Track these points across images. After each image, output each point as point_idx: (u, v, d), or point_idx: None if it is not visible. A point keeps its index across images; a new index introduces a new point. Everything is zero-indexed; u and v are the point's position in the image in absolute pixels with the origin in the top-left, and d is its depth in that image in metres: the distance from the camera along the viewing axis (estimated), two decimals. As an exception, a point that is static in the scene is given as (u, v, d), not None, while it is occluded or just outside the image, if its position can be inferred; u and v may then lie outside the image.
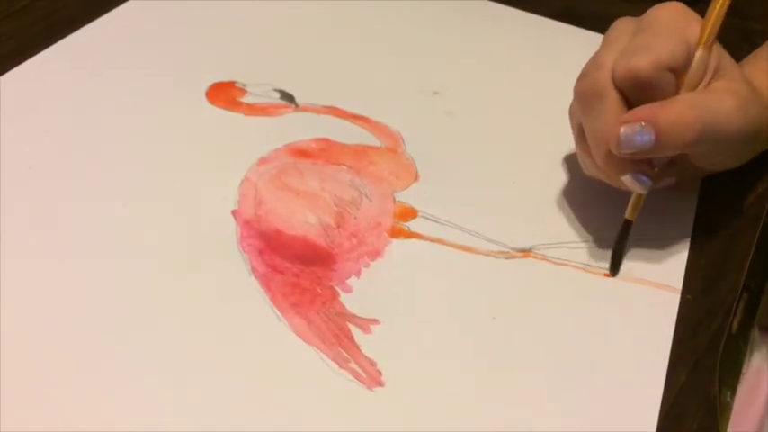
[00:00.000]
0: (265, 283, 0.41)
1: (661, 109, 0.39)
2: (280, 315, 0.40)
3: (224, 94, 0.53)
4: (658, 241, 0.45)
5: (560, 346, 0.39)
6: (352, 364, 0.38)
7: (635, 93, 0.40)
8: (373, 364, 0.38)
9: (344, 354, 0.39)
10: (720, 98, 0.40)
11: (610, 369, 0.39)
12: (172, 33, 0.58)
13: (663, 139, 0.39)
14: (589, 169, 0.44)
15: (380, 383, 0.38)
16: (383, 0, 0.62)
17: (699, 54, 0.41)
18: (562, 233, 0.45)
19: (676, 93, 0.41)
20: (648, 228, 0.45)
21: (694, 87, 0.42)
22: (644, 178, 0.41)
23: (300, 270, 0.42)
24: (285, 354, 0.38)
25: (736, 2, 0.50)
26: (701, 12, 0.42)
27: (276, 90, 0.53)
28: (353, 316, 0.40)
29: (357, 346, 0.39)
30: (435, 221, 0.45)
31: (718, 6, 0.41)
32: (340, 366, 0.38)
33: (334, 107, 0.52)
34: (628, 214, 0.43)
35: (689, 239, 0.45)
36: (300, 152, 0.49)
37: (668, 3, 0.42)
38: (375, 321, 0.40)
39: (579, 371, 0.39)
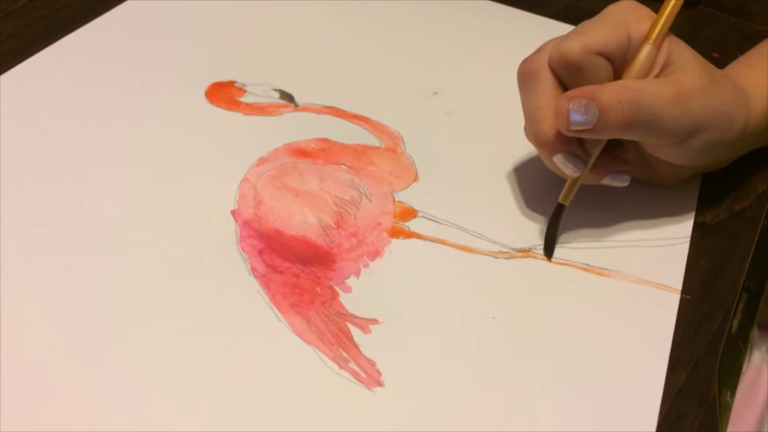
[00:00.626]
0: (265, 283, 0.41)
1: (600, 88, 0.40)
2: (279, 315, 0.40)
3: (223, 93, 0.53)
4: (658, 242, 0.45)
5: (560, 347, 0.39)
6: (352, 365, 0.38)
7: (568, 75, 0.42)
8: (373, 364, 0.38)
9: (344, 354, 0.39)
10: (660, 87, 0.41)
11: (610, 369, 0.39)
12: (171, 33, 0.58)
13: (604, 116, 0.40)
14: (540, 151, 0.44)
15: (380, 383, 0.37)
16: (383, 0, 0.62)
17: (646, 49, 0.42)
18: (563, 233, 0.45)
19: (612, 80, 0.42)
20: (648, 228, 0.45)
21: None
22: (576, 161, 0.42)
23: (300, 270, 0.42)
24: (285, 354, 0.38)
25: (740, 3, 0.50)
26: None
27: (276, 90, 0.53)
28: (353, 316, 0.40)
29: (357, 347, 0.39)
30: (435, 221, 0.45)
31: (670, 6, 0.42)
32: (340, 366, 0.38)
33: (334, 107, 0.52)
34: (561, 198, 0.43)
35: (689, 240, 0.45)
36: (300, 152, 0.49)
37: (628, 0, 0.44)
38: (375, 321, 0.40)
39: (579, 371, 0.39)
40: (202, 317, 0.40)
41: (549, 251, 0.44)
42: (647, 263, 0.43)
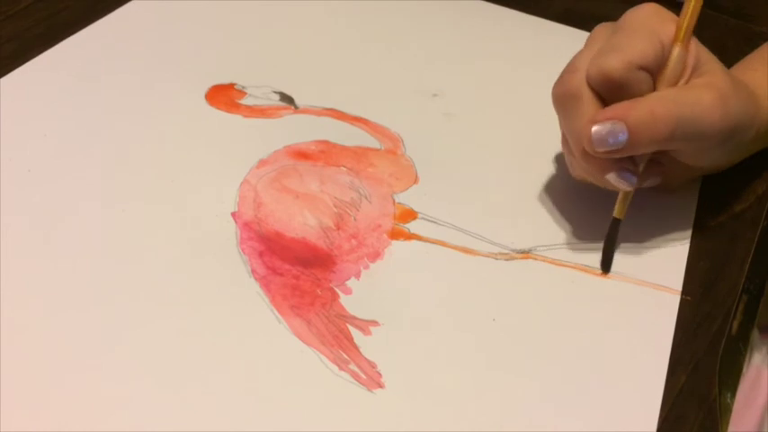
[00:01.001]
0: (265, 285, 0.41)
1: (632, 105, 0.40)
2: (280, 317, 0.40)
3: (224, 96, 0.53)
4: (658, 243, 0.45)
5: (560, 348, 0.39)
6: (353, 366, 0.38)
7: (609, 93, 0.41)
8: (373, 365, 0.38)
9: (344, 355, 0.39)
10: (698, 92, 0.41)
11: (610, 371, 0.39)
12: (171, 36, 0.58)
13: (635, 135, 0.39)
14: (575, 171, 0.44)
15: (381, 385, 0.38)
16: (383, 1, 0.62)
17: (676, 51, 0.41)
18: (562, 234, 0.45)
19: (653, 91, 0.41)
20: (648, 230, 0.45)
21: (673, 85, 0.42)
22: (629, 175, 0.41)
23: (300, 272, 0.42)
24: (285, 356, 0.38)
25: (740, 5, 0.50)
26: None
27: (276, 92, 0.53)
28: (353, 318, 0.40)
29: (357, 348, 0.39)
30: (435, 223, 0.45)
31: (692, 4, 0.42)
32: (340, 368, 0.38)
33: (334, 109, 0.52)
34: (616, 212, 0.43)
35: (689, 241, 0.45)
36: (300, 154, 0.49)
37: (644, 4, 0.43)
38: (375, 323, 0.40)
39: (579, 373, 0.39)
40: (203, 319, 0.40)
41: (606, 267, 0.43)
42: (647, 264, 0.43)
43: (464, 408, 0.37)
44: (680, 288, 0.42)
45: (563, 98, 0.42)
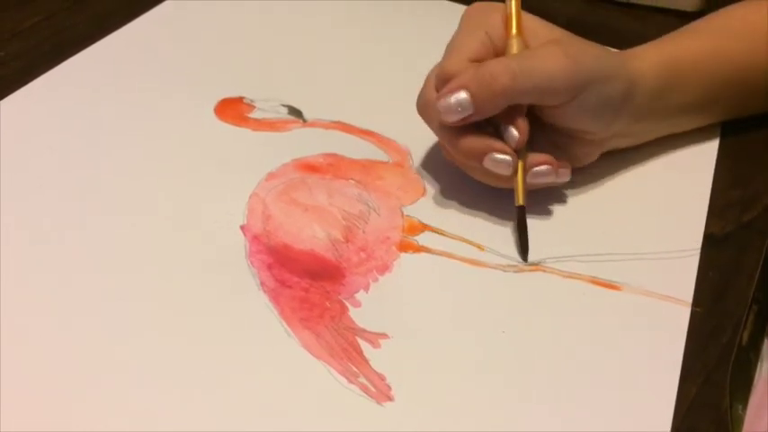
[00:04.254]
0: (274, 297, 0.41)
1: (467, 72, 0.44)
2: (289, 330, 0.40)
3: (232, 109, 0.53)
4: (668, 255, 0.45)
5: (570, 361, 0.39)
6: (362, 379, 0.38)
7: None
8: (383, 378, 0.38)
9: (354, 368, 0.39)
10: (536, 49, 0.45)
11: (621, 383, 0.39)
12: (179, 51, 0.58)
13: (477, 95, 0.43)
14: (475, 172, 0.46)
15: (390, 398, 0.37)
16: (392, 17, 0.63)
17: (513, 43, 0.45)
18: (571, 246, 0.45)
19: None
20: (658, 242, 0.45)
21: None
22: (502, 156, 0.44)
23: (309, 284, 0.42)
24: (294, 368, 0.38)
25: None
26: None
27: (284, 105, 0.53)
28: (362, 330, 0.40)
29: (366, 361, 0.39)
30: (443, 235, 0.45)
31: (513, 4, 0.46)
32: (349, 381, 0.38)
33: (342, 122, 0.52)
34: (517, 201, 0.45)
35: (698, 252, 0.45)
36: (308, 167, 0.49)
37: (473, 4, 0.48)
38: (384, 336, 0.40)
39: (590, 385, 0.38)
40: (212, 331, 0.40)
41: (524, 255, 0.44)
42: (657, 275, 0.43)
43: (474, 421, 0.37)
44: (690, 299, 0.42)
45: (423, 108, 0.46)
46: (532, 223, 0.46)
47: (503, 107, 0.44)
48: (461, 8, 0.62)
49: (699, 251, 0.45)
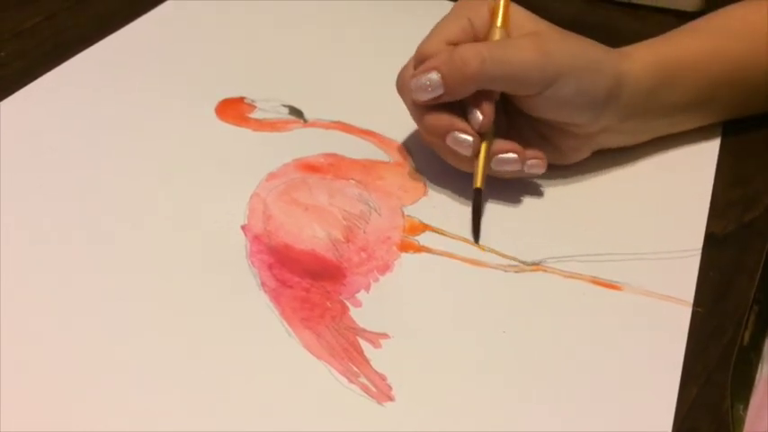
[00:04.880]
0: (275, 297, 0.41)
1: (441, 54, 0.45)
2: (289, 330, 0.40)
3: (233, 110, 0.53)
4: (669, 255, 0.44)
5: (571, 360, 0.39)
6: (362, 379, 0.38)
7: None
8: (383, 378, 0.38)
9: (354, 368, 0.39)
10: (511, 39, 0.46)
11: (622, 384, 0.38)
12: (179, 51, 0.58)
13: (448, 77, 0.44)
14: (441, 150, 0.47)
15: (391, 398, 0.37)
16: (392, 17, 0.63)
17: (495, 34, 0.46)
18: (572, 246, 0.45)
19: None
20: (659, 242, 0.45)
21: None
22: (464, 136, 0.45)
23: (310, 284, 0.42)
24: (295, 368, 0.38)
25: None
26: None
27: (285, 105, 0.53)
28: (363, 330, 0.40)
29: (367, 361, 0.39)
30: (444, 235, 0.45)
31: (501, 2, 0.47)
32: (350, 381, 0.38)
33: (343, 122, 0.52)
34: (476, 183, 0.45)
35: (699, 252, 0.45)
36: (309, 167, 0.49)
37: None
38: (385, 336, 0.40)
39: (591, 385, 0.38)
40: (212, 331, 0.40)
41: (476, 237, 0.45)
42: (658, 276, 0.43)
43: (474, 421, 0.37)
44: (691, 300, 0.42)
45: (400, 86, 0.47)
46: (533, 223, 0.46)
47: (472, 91, 0.45)
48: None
49: (700, 251, 0.45)
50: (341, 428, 0.36)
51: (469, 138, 0.45)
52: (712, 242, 0.46)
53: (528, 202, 0.47)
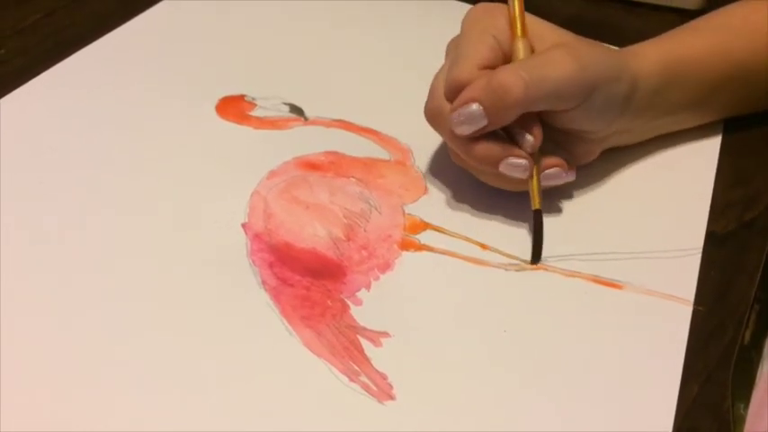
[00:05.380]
0: (276, 296, 0.41)
1: (479, 83, 0.43)
2: (290, 328, 0.40)
3: (233, 107, 0.53)
4: (670, 253, 0.44)
5: (572, 360, 0.39)
6: (363, 378, 0.38)
7: None
8: (384, 377, 0.38)
9: (355, 367, 0.38)
10: (544, 53, 0.44)
11: (623, 383, 0.39)
12: (180, 48, 0.58)
13: (490, 108, 0.42)
14: (487, 177, 0.46)
15: (392, 397, 0.37)
16: (393, 15, 0.62)
17: (519, 44, 0.45)
18: (573, 245, 0.45)
19: None
20: (660, 241, 0.45)
21: None
22: (519, 161, 0.44)
23: (310, 283, 0.42)
24: (295, 367, 0.38)
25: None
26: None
27: (285, 103, 0.53)
28: (364, 329, 0.40)
29: (368, 360, 0.39)
30: (445, 234, 0.45)
31: (516, 5, 0.45)
32: (351, 380, 0.38)
33: (343, 120, 0.52)
34: (534, 204, 0.44)
35: (700, 251, 0.45)
36: (310, 165, 0.49)
37: (475, 6, 0.47)
38: (386, 334, 0.40)
39: (592, 384, 0.38)
40: (213, 329, 0.40)
41: (537, 258, 0.44)
42: (659, 274, 0.43)
43: (475, 420, 0.37)
44: (692, 299, 0.42)
45: (433, 118, 0.45)
46: (533, 221, 0.46)
47: (516, 117, 0.43)
48: (462, 6, 0.62)
49: (700, 250, 0.45)
50: (341, 427, 0.36)
51: (524, 161, 0.44)
52: (713, 241, 0.46)
53: (529, 201, 0.47)
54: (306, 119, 0.52)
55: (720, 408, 0.38)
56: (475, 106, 0.42)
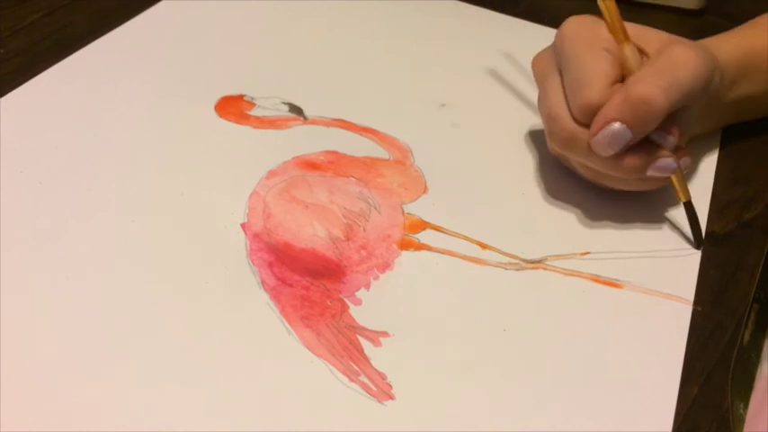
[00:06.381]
0: (275, 296, 0.41)
1: (617, 102, 0.42)
2: (290, 328, 0.40)
3: (233, 107, 0.53)
4: (670, 252, 0.44)
5: (571, 359, 0.39)
6: (363, 378, 0.38)
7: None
8: (384, 377, 0.38)
9: (355, 367, 0.39)
10: (666, 56, 0.43)
11: (622, 382, 0.39)
12: (180, 48, 0.58)
13: (636, 124, 0.42)
14: (628, 184, 0.46)
15: (391, 396, 0.37)
16: (392, 15, 0.62)
17: (627, 50, 0.44)
18: (572, 244, 0.45)
19: None
20: (660, 240, 0.45)
21: None
22: (665, 162, 0.43)
23: (310, 283, 0.42)
24: (295, 367, 0.38)
25: (744, 11, 0.51)
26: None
27: (285, 103, 0.53)
28: (363, 329, 0.40)
29: (367, 360, 0.39)
30: (445, 233, 0.45)
31: (611, 8, 0.44)
32: (350, 379, 0.38)
33: (343, 120, 0.52)
34: (683, 197, 0.45)
35: (700, 251, 0.45)
36: (309, 165, 0.49)
37: (566, 22, 0.46)
38: (385, 334, 0.40)
39: (591, 384, 0.38)
40: (212, 330, 0.40)
41: (699, 244, 0.45)
42: (659, 274, 0.43)
43: (474, 419, 0.37)
44: (691, 298, 0.42)
45: (567, 146, 0.44)
46: (533, 221, 0.46)
47: (657, 125, 0.43)
48: (462, 6, 0.62)
49: (700, 249, 0.45)
50: (341, 427, 0.36)
51: (671, 161, 0.43)
52: (713, 241, 0.46)
53: (528, 200, 0.47)
54: (305, 118, 0.52)
55: (720, 408, 0.38)
56: (617, 125, 0.42)
